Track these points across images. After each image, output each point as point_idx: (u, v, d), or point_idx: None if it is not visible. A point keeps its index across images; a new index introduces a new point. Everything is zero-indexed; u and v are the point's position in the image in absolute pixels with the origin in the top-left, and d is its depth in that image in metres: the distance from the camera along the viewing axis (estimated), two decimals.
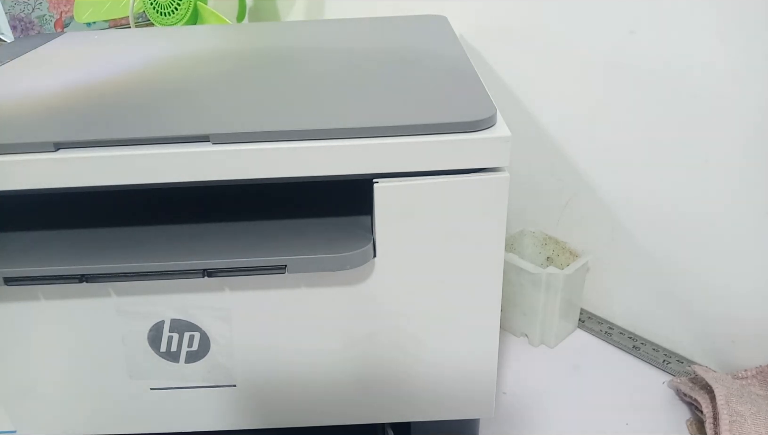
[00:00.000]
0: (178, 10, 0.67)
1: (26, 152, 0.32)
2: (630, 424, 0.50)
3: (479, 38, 0.60)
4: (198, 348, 0.39)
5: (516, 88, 0.59)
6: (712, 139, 0.48)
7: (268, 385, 0.40)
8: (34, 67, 0.47)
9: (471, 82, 0.38)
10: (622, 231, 0.57)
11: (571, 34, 0.53)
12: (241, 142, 0.32)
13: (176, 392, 0.40)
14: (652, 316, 0.58)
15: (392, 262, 0.36)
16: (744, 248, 0.49)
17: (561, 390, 0.53)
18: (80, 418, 0.42)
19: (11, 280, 0.34)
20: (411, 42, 0.48)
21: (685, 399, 0.51)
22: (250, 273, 0.34)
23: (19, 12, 0.83)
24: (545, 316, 0.56)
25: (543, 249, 0.61)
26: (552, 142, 0.58)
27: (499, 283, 0.37)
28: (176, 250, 0.35)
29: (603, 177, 0.56)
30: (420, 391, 0.41)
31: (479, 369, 0.40)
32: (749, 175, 0.47)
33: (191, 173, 0.33)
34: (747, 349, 0.52)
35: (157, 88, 0.41)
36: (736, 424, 0.44)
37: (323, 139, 0.32)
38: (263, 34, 0.54)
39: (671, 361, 0.55)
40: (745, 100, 0.46)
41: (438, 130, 0.33)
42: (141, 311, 0.37)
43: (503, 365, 0.56)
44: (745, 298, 0.51)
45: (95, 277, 0.34)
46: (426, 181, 0.34)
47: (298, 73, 0.43)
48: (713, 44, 0.46)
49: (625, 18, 0.50)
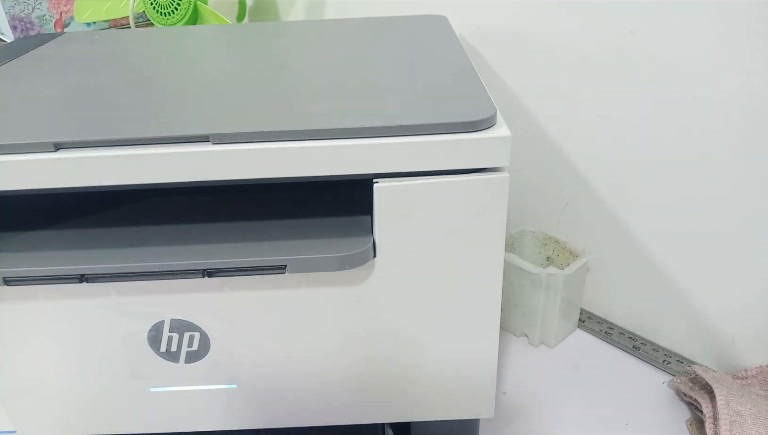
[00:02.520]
0: (178, 10, 0.67)
1: (26, 152, 0.32)
2: (630, 424, 0.50)
3: (479, 38, 0.60)
4: (198, 348, 0.39)
5: (516, 88, 0.59)
6: (712, 138, 0.48)
7: (268, 385, 0.40)
8: (34, 67, 0.47)
9: (471, 82, 0.38)
10: (622, 231, 0.57)
11: (571, 34, 0.53)
12: (241, 142, 0.32)
13: (176, 392, 0.40)
14: (652, 316, 0.58)
15: (392, 262, 0.36)
16: (744, 248, 0.49)
17: (561, 390, 0.53)
18: (80, 418, 0.42)
19: (11, 280, 0.34)
20: (411, 42, 0.48)
21: (685, 399, 0.51)
22: (250, 273, 0.34)
23: (19, 12, 0.84)
24: (545, 316, 0.56)
25: (543, 249, 0.61)
26: (552, 142, 0.58)
27: (499, 283, 0.37)
28: (176, 250, 0.35)
29: (603, 177, 0.56)
30: (420, 391, 0.41)
31: (479, 369, 0.40)
32: (749, 174, 0.47)
33: (191, 173, 0.33)
34: (747, 349, 0.52)
35: (157, 88, 0.41)
36: (736, 424, 0.44)
37: (323, 139, 0.32)
38: (263, 34, 0.54)
39: (671, 361, 0.55)
40: (745, 99, 0.46)
41: (438, 130, 0.33)
42: (141, 311, 0.37)
43: (503, 365, 0.56)
44: (745, 298, 0.51)
45: (95, 277, 0.34)
46: (426, 181, 0.34)
47: (298, 73, 0.43)
48: (713, 44, 0.46)
49: (625, 18, 0.50)
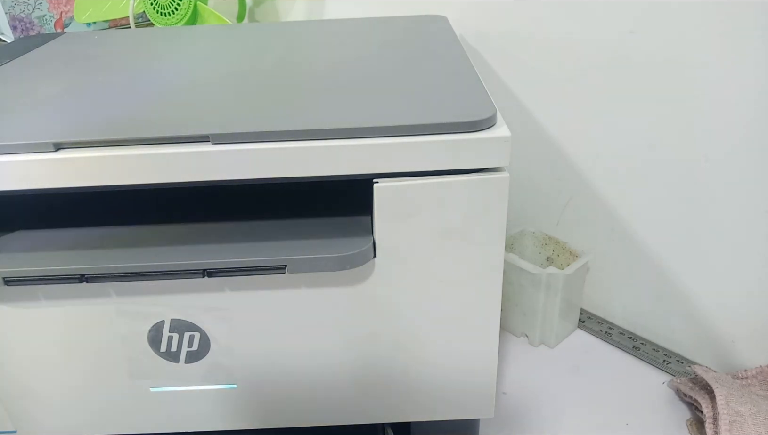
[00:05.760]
0: (178, 10, 0.67)
1: (26, 152, 0.32)
2: (630, 424, 0.50)
3: (479, 38, 0.60)
4: (198, 348, 0.39)
5: (516, 88, 0.59)
6: (711, 138, 0.48)
7: (268, 385, 0.40)
8: (34, 67, 0.47)
9: (471, 82, 0.38)
10: (622, 231, 0.57)
11: (571, 34, 0.53)
12: (241, 142, 0.32)
13: (176, 392, 0.40)
14: (652, 316, 0.58)
15: (392, 262, 0.36)
16: (744, 248, 0.49)
17: (561, 390, 0.53)
18: (80, 418, 0.42)
19: (11, 280, 0.34)
20: (411, 42, 0.48)
21: (685, 399, 0.51)
22: (250, 273, 0.34)
23: (19, 12, 0.84)
24: (545, 316, 0.56)
25: (543, 249, 0.61)
26: (552, 142, 0.58)
27: (499, 283, 0.37)
28: (176, 250, 0.35)
29: (603, 177, 0.56)
30: (420, 391, 0.41)
31: (479, 369, 0.40)
32: (749, 174, 0.47)
33: (191, 173, 0.33)
34: (747, 349, 0.52)
35: (157, 88, 0.41)
36: (736, 424, 0.44)
37: (323, 139, 0.32)
38: (263, 34, 0.54)
39: (671, 361, 0.55)
40: (745, 99, 0.46)
41: (438, 130, 0.33)
42: (141, 311, 0.37)
43: (503, 365, 0.56)
44: (745, 298, 0.51)
45: (95, 277, 0.34)
46: (426, 181, 0.34)
47: (298, 73, 0.43)
48: (713, 43, 0.46)
49: (625, 18, 0.50)
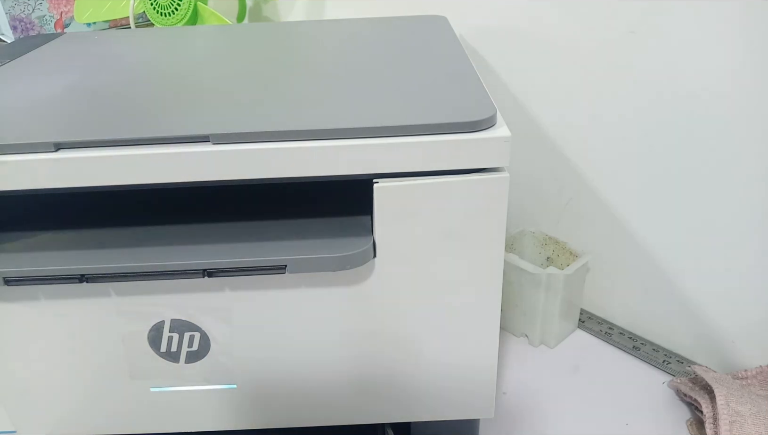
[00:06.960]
0: (178, 10, 0.67)
1: (26, 152, 0.32)
2: (630, 424, 0.49)
3: (479, 38, 0.60)
4: (198, 348, 0.39)
5: (516, 88, 0.59)
6: (711, 138, 0.48)
7: (268, 385, 0.40)
8: (34, 67, 0.47)
9: (471, 82, 0.38)
10: (622, 231, 0.57)
11: (571, 34, 0.53)
12: (241, 142, 0.32)
13: (176, 392, 0.40)
14: (652, 316, 0.58)
15: (392, 262, 0.36)
16: (744, 248, 0.49)
17: (561, 390, 0.53)
18: (80, 418, 0.42)
19: (11, 280, 0.34)
20: (411, 42, 0.48)
21: (685, 399, 0.51)
22: (250, 273, 0.34)
23: (19, 12, 0.84)
24: (545, 317, 0.56)
25: (543, 249, 0.61)
26: (552, 142, 0.58)
27: (499, 283, 0.37)
28: (176, 250, 0.35)
29: (603, 177, 0.56)
30: (420, 391, 0.41)
31: (479, 369, 0.40)
32: (749, 174, 0.47)
33: (191, 173, 0.33)
34: (747, 349, 0.52)
35: (157, 88, 0.41)
36: (736, 424, 0.44)
37: (323, 139, 0.32)
38: (263, 34, 0.54)
39: (671, 361, 0.55)
40: (744, 99, 0.46)
41: (438, 130, 0.33)
42: (141, 311, 0.37)
43: (503, 365, 0.56)
44: (745, 298, 0.51)
45: (95, 277, 0.34)
46: (426, 181, 0.34)
47: (298, 73, 0.42)
48: (713, 43, 0.46)
49: (625, 18, 0.50)
